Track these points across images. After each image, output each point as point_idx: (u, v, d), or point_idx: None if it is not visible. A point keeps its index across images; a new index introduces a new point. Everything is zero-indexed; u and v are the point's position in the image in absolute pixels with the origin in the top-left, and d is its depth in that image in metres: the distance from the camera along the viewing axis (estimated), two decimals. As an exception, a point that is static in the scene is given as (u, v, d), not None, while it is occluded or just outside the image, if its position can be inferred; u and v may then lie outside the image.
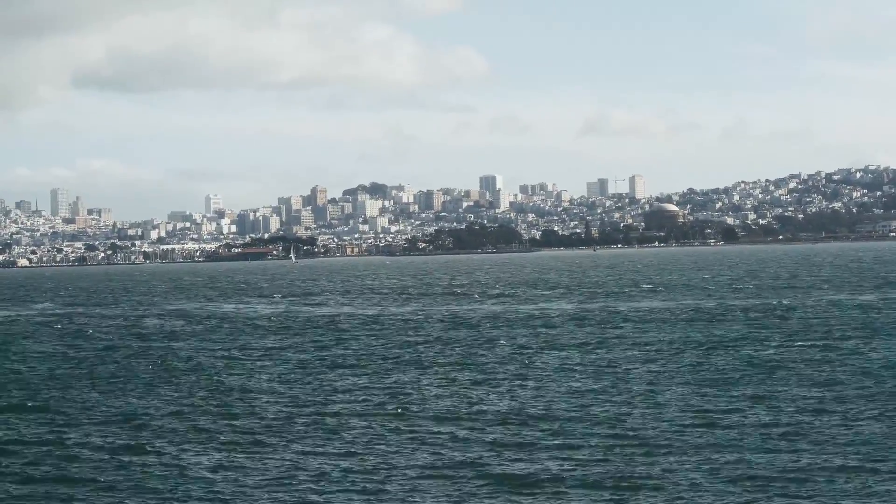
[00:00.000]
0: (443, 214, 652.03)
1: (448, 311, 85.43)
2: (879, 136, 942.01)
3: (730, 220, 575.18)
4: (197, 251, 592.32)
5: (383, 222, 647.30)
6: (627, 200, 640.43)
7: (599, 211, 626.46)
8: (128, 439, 31.80)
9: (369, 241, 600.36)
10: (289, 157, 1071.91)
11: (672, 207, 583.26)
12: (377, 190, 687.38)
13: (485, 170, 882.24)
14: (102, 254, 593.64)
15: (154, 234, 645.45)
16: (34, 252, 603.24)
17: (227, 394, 40.21)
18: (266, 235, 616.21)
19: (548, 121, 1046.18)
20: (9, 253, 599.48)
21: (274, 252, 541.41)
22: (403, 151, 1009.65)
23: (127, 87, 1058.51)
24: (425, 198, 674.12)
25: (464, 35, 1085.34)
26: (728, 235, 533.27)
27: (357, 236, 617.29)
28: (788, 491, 24.31)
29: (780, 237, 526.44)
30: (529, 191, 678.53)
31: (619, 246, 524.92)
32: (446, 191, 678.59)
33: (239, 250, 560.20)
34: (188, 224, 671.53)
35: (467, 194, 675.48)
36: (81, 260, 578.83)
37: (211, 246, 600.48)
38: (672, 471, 26.19)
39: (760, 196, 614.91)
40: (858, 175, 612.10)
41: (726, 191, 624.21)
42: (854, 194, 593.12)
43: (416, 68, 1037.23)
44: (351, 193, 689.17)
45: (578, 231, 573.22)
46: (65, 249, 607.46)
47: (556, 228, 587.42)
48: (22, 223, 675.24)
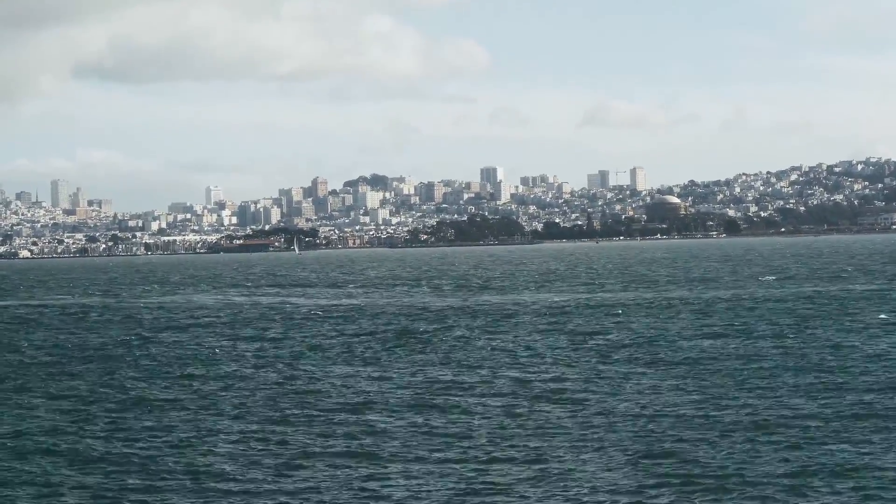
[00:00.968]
0: (444, 206, 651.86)
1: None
2: (879, 129, 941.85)
3: (731, 213, 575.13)
4: (198, 243, 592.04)
5: (384, 214, 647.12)
6: (628, 192, 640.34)
7: (600, 203, 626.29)
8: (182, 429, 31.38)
9: (371, 233, 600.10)
10: (289, 149, 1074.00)
11: (674, 200, 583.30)
12: (378, 181, 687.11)
13: (485, 161, 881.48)
14: (104, 245, 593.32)
15: (155, 226, 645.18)
16: (35, 243, 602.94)
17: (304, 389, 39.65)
18: (267, 227, 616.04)
19: (547, 112, 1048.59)
20: (10, 244, 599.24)
21: (276, 244, 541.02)
22: (404, 143, 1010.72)
23: (128, 78, 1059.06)
24: (426, 189, 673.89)
25: (464, 27, 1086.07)
26: (730, 228, 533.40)
27: (358, 228, 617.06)
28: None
29: (783, 229, 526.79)
30: (530, 182, 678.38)
31: (622, 238, 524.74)
32: (447, 182, 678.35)
33: (241, 242, 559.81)
34: (189, 215, 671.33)
35: (468, 186, 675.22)
36: (83, 251, 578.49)
37: (212, 237, 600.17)
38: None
39: (762, 188, 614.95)
40: (860, 167, 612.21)
41: (727, 183, 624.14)
42: (855, 186, 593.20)
43: (417, 60, 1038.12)
44: (352, 185, 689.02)
45: (580, 223, 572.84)
46: (66, 241, 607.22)
47: (558, 220, 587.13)
48: (22, 214, 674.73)
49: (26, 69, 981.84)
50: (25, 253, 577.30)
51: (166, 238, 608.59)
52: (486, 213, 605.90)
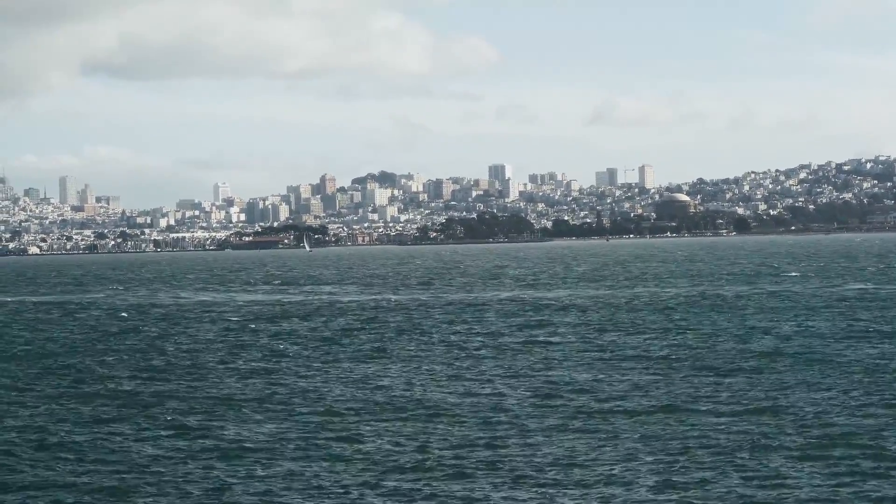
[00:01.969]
0: (452, 204, 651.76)
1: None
2: (887, 127, 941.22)
3: (740, 211, 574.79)
4: (207, 239, 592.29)
5: (392, 211, 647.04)
6: (637, 190, 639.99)
7: (609, 201, 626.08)
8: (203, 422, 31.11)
9: (380, 230, 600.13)
10: (296, 146, 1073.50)
11: (683, 198, 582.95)
12: (386, 179, 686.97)
13: (492, 159, 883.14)
14: (112, 242, 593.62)
15: (163, 223, 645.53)
16: (44, 240, 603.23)
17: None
18: (275, 224, 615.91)
19: (555, 110, 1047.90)
20: (18, 241, 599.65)
21: (285, 241, 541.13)
22: (411, 140, 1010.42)
23: (136, 75, 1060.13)
24: (434, 187, 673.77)
25: (473, 24, 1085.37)
26: (740, 226, 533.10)
27: (367, 225, 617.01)
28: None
29: (793, 227, 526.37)
30: (539, 180, 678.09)
31: (632, 236, 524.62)
32: (455, 180, 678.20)
33: (250, 238, 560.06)
34: (197, 212, 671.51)
35: (476, 183, 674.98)
36: (92, 248, 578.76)
37: (221, 234, 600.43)
38: None
39: (770, 186, 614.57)
40: (869, 166, 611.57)
41: (736, 181, 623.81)
42: (864, 185, 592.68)
43: (426, 57, 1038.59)
44: (360, 182, 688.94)
45: (589, 221, 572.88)
46: (74, 237, 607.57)
47: (567, 218, 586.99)
48: (31, 211, 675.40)
49: (36, 65, 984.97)
50: (34, 249, 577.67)
51: (175, 235, 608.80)
52: (495, 211, 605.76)
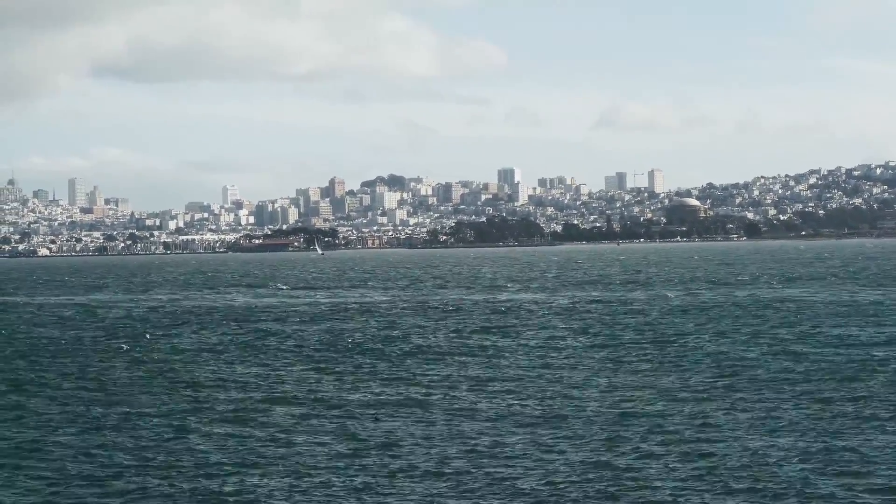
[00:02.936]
0: (461, 207, 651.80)
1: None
2: (895, 132, 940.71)
3: (750, 216, 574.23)
4: (217, 242, 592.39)
5: (402, 215, 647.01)
6: (647, 195, 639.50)
7: (618, 205, 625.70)
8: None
9: (389, 234, 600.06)
10: (304, 149, 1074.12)
11: (693, 202, 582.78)
12: (395, 182, 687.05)
13: (499, 162, 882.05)
14: (122, 244, 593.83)
15: (172, 225, 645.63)
16: (53, 241, 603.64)
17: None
18: (284, 226, 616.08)
19: (562, 113, 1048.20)
20: (28, 242, 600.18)
21: (295, 243, 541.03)
22: (418, 143, 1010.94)
23: (144, 77, 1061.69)
24: (444, 190, 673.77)
25: (480, 27, 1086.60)
26: (751, 231, 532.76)
27: (376, 228, 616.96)
28: None
29: (803, 233, 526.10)
30: (548, 184, 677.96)
31: (642, 240, 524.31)
32: (465, 183, 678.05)
33: (260, 241, 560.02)
34: (206, 215, 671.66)
35: (486, 187, 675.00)
36: (102, 250, 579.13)
37: (230, 237, 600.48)
38: None
39: (780, 191, 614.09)
40: (878, 171, 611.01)
41: (746, 186, 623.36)
42: (874, 190, 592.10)
43: (433, 60, 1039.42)
44: (369, 185, 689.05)
45: (599, 225, 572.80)
46: (84, 239, 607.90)
47: (576, 222, 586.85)
48: (39, 212, 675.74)
49: (44, 67, 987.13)
50: (44, 251, 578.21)
51: (184, 237, 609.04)
52: (505, 215, 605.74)
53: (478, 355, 50.86)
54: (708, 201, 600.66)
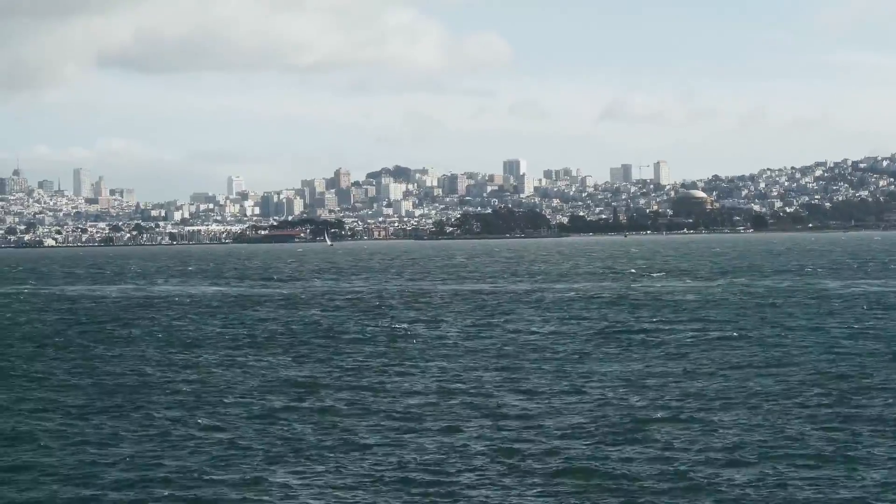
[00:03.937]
0: (467, 199, 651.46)
1: None
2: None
3: (756, 208, 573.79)
4: (223, 233, 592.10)
5: (407, 206, 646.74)
6: (652, 187, 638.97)
7: (624, 197, 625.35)
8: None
9: (395, 225, 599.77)
10: (310, 140, 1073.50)
11: (700, 194, 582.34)
12: (401, 173, 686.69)
13: (504, 154, 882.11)
14: (128, 234, 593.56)
15: (177, 216, 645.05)
16: (59, 232, 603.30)
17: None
18: (290, 218, 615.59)
19: (567, 106, 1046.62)
20: (33, 233, 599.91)
21: (301, 234, 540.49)
22: (424, 135, 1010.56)
23: (150, 68, 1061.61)
24: (449, 182, 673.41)
25: (486, 20, 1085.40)
26: (757, 223, 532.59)
27: (382, 220, 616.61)
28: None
29: (810, 225, 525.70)
30: (553, 176, 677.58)
31: (648, 232, 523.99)
32: (470, 175, 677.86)
33: (266, 232, 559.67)
34: (211, 205, 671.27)
35: (491, 179, 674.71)
36: (107, 240, 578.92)
37: (236, 228, 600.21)
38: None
39: (786, 184, 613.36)
40: (885, 164, 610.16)
41: (752, 178, 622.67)
42: (881, 182, 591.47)
43: (439, 52, 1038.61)
44: (374, 177, 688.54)
45: (605, 217, 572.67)
46: (89, 230, 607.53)
47: (582, 214, 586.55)
48: (45, 203, 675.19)
49: (51, 58, 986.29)
50: (50, 241, 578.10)
51: (190, 228, 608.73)
52: (511, 206, 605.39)
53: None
54: (714, 193, 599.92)
